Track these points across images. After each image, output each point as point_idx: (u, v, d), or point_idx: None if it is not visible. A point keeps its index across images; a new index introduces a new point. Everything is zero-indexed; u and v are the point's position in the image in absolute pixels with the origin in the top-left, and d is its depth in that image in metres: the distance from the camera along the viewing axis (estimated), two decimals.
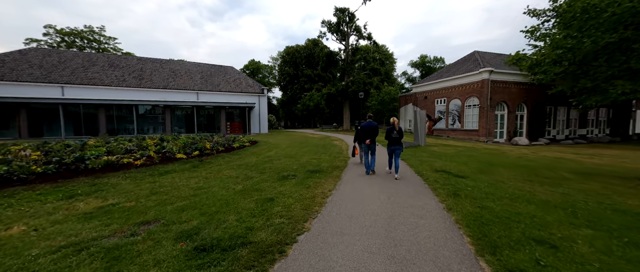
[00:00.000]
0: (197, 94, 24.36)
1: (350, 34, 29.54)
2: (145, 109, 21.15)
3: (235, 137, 12.63)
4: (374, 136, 6.58)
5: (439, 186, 5.23)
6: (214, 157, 8.23)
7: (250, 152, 9.79)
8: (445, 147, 13.19)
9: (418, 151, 11.07)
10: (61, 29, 32.61)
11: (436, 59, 55.55)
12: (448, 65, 25.83)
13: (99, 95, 19.97)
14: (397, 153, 6.16)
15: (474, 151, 11.67)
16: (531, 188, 5.31)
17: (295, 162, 8.06)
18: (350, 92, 28.95)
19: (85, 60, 22.76)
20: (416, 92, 27.35)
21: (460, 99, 21.47)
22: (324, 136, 20.74)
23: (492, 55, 23.63)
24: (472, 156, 10.14)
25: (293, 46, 53.35)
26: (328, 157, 9.11)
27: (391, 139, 6.20)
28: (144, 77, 23.32)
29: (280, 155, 9.42)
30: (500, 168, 7.54)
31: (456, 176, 6.24)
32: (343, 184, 5.43)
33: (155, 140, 9.16)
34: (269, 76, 64.02)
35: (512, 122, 20.64)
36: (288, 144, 13.83)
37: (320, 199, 4.33)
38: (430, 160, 8.68)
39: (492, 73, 19.07)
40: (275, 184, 5.31)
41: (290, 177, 5.98)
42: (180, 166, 6.82)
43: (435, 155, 10.00)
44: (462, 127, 21.41)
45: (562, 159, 10.08)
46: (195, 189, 4.87)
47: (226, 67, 29.89)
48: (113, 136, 17.87)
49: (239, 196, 4.43)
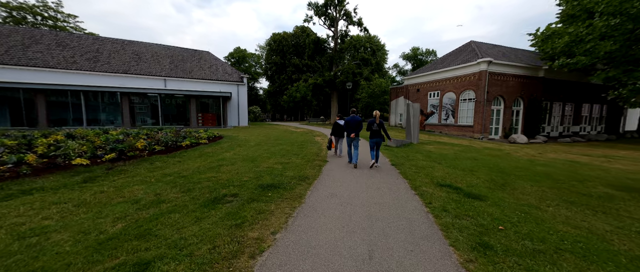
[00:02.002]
0: (164, 80, 21.49)
1: (339, 19, 27.09)
2: (99, 97, 18.16)
3: (192, 132, 10.33)
4: (358, 130, 6.65)
5: (450, 221, 3.33)
6: (138, 161, 6.01)
7: (200, 153, 7.61)
8: (441, 146, 11.49)
9: (411, 152, 9.26)
10: (6, 2, 28.19)
11: (428, 52, 54.10)
12: (442, 57, 24.13)
13: (37, 78, 16.82)
14: (378, 145, 6.49)
15: (475, 152, 10.00)
16: (585, 221, 3.53)
17: (252, 169, 5.99)
18: (338, 82, 26.78)
19: (26, 37, 19.29)
20: (408, 85, 25.61)
21: (455, 92, 19.88)
22: (307, 131, 18.67)
23: (489, 46, 22.09)
24: (475, 158, 8.42)
25: (280, 33, 50.08)
26: (299, 161, 7.09)
27: (372, 132, 6.45)
28: (100, 60, 20.17)
29: (239, 157, 7.31)
30: (518, 179, 5.79)
31: (469, 195, 4.39)
32: (302, 216, 3.44)
33: (58, 135, 6.77)
34: (256, 65, 60.50)
35: (508, 118, 19.33)
36: (259, 140, 11.68)
37: (245, 262, 2.32)
38: (427, 166, 6.85)
39: (490, 64, 17.47)
40: (188, 217, 3.24)
41: (227, 199, 3.93)
42: (67, 178, 4.58)
43: (432, 157, 8.20)
44: (456, 122, 19.92)
45: (577, 162, 8.56)
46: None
47: (201, 51, 26.88)
48: (55, 127, 15.04)
49: (84, 260, 2.33)
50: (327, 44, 29.33)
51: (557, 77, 20.23)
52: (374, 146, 6.46)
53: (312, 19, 27.13)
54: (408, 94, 25.57)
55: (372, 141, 6.44)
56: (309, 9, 27.05)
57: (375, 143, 6.42)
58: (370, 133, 6.45)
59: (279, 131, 17.75)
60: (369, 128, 6.44)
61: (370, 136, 6.47)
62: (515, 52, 21.90)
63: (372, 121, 6.42)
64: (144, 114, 19.86)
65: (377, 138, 6.40)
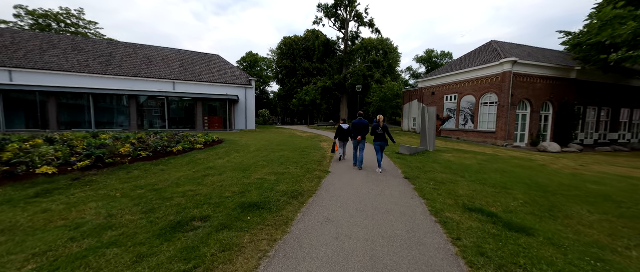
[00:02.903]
0: (173, 83, 21.50)
1: (349, 20, 26.26)
2: (108, 100, 18.27)
3: (188, 136, 9.75)
4: (365, 133, 6.78)
5: None
6: (115, 170, 5.36)
7: (190, 160, 6.91)
8: (461, 154, 10.23)
9: (427, 161, 8.13)
10: (33, 10, 29.76)
11: (443, 54, 52.05)
12: (460, 58, 22.63)
13: (51, 81, 17.16)
14: (382, 148, 6.62)
15: (502, 162, 8.70)
16: None
17: (241, 180, 5.18)
18: (348, 85, 25.81)
19: (44, 42, 19.92)
20: (423, 88, 24.23)
21: (475, 95, 18.36)
22: (314, 136, 17.81)
23: (513, 46, 20.40)
24: (504, 170, 7.18)
25: (291, 37, 50.02)
26: (298, 171, 6.21)
27: (376, 135, 6.63)
28: (112, 63, 20.47)
29: (230, 166, 6.54)
30: (568, 201, 4.59)
31: (509, 226, 3.31)
32: (281, 256, 2.54)
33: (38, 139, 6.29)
34: (268, 70, 60.78)
35: (536, 124, 17.54)
36: (261, 145, 10.94)
37: None
38: (448, 180, 5.75)
39: (515, 64, 15.92)
40: (129, 255, 2.43)
41: (193, 225, 3.10)
42: (18, 191, 3.93)
43: (453, 169, 7.06)
44: (476, 127, 18.35)
45: (633, 178, 7.08)
46: None
47: (211, 55, 26.92)
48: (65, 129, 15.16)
49: None
50: (337, 46, 28.55)
51: (591, 79, 18.24)
52: (379, 149, 6.66)
53: (322, 21, 26.50)
54: (422, 98, 24.17)
55: (377, 145, 6.65)
56: (318, 10, 26.46)
57: (379, 146, 6.62)
58: (375, 137, 6.66)
59: (285, 136, 17.02)
60: (373, 132, 6.68)
61: (375, 140, 6.67)
62: (542, 52, 20.06)
63: (377, 125, 6.60)
64: (153, 117, 19.82)
65: (382, 142, 6.61)
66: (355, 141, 6.91)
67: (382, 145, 6.56)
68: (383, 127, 6.53)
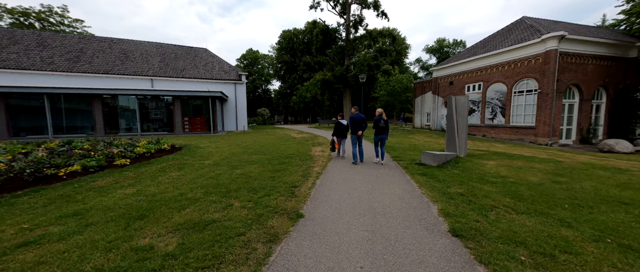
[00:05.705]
0: (151, 80, 18.96)
1: (351, 3, 23.06)
2: (70, 100, 15.78)
3: (123, 143, 6.99)
4: (363, 128, 6.76)
5: None
6: None
7: (58, 196, 4.10)
8: (507, 161, 7.10)
9: (470, 179, 5.10)
10: (12, 8, 27.86)
11: (456, 43, 47.97)
12: (484, 39, 19.11)
13: (4, 81, 14.85)
14: (382, 141, 6.69)
15: (586, 175, 5.56)
16: None
17: (90, 258, 2.31)
18: (350, 77, 22.68)
19: (5, 38, 17.67)
20: (438, 77, 20.86)
21: (506, 82, 14.97)
22: (310, 137, 14.89)
23: (549, 22, 16.79)
24: (610, 196, 4.08)
25: (290, 30, 47.12)
26: (243, 214, 3.33)
27: (378, 128, 6.66)
28: (81, 60, 18.06)
29: (118, 210, 3.73)
30: None
31: None
32: None
33: None
34: (269, 67, 57.99)
35: (586, 116, 14.06)
36: (227, 155, 8.10)
37: None
38: (538, 231, 2.73)
39: (563, 40, 12.47)
40: None
41: None
42: None
43: (503, 188, 4.04)
44: (508, 122, 14.99)
45: None
46: None
47: (198, 48, 24.30)
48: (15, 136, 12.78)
49: None
50: (338, 34, 25.38)
51: None
52: (378, 142, 6.71)
53: (320, 5, 23.38)
54: (438, 89, 20.82)
55: (377, 138, 6.71)
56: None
57: (379, 139, 6.68)
58: (376, 130, 6.68)
59: (274, 138, 14.15)
60: (375, 125, 6.67)
61: (376, 133, 6.70)
62: (587, 29, 16.40)
63: (379, 118, 6.64)
64: (127, 119, 17.28)
65: (382, 135, 6.64)
66: (353, 137, 6.83)
67: (382, 138, 6.65)
68: (385, 120, 6.63)
